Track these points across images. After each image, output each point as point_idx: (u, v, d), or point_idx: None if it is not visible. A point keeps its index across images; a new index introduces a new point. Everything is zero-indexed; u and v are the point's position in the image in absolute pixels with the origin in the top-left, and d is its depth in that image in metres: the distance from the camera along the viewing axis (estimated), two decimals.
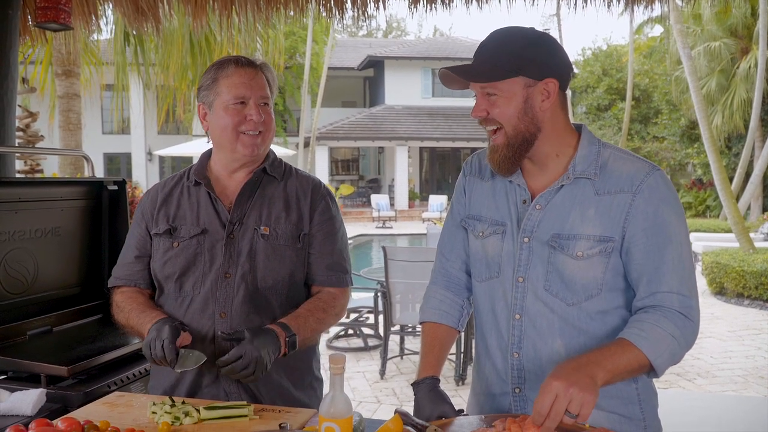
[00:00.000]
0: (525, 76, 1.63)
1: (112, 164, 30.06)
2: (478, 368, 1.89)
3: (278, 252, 2.02)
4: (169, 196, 2.11)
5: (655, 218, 1.62)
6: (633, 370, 1.57)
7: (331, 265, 2.09)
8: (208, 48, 8.34)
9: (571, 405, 1.42)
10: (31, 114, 9.54)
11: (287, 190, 2.09)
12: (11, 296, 2.62)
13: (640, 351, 1.55)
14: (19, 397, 1.95)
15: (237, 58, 2.05)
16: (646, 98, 29.19)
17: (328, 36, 25.88)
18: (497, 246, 1.77)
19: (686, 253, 1.65)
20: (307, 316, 2.00)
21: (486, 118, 1.67)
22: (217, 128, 2.02)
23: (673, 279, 1.61)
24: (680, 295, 1.61)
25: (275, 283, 2.02)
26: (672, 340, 1.57)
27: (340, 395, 1.40)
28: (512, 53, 1.63)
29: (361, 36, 42.24)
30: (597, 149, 1.72)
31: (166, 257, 2.04)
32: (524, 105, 1.65)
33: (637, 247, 1.63)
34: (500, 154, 1.69)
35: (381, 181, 32.35)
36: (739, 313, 9.33)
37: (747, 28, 21.33)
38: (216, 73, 2.03)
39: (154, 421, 1.68)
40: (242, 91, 1.99)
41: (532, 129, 1.67)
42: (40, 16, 3.92)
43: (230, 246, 2.01)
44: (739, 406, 5.49)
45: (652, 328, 1.57)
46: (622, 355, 1.55)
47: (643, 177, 1.65)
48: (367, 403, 5.46)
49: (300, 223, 2.06)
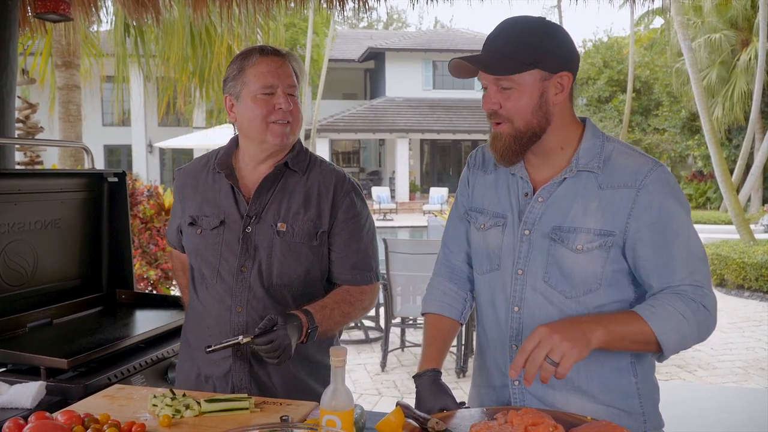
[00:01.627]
0: (542, 69, 1.60)
1: (112, 156, 30.03)
2: (480, 361, 1.88)
3: (294, 249, 2.00)
4: (195, 185, 2.11)
5: (660, 213, 1.61)
6: (637, 342, 1.55)
7: (356, 263, 2.06)
8: (208, 39, 8.30)
9: (553, 353, 1.42)
10: (31, 105, 9.51)
11: (309, 184, 2.05)
12: (11, 288, 2.61)
13: (646, 324, 1.52)
14: (19, 389, 1.94)
15: (262, 47, 2.01)
16: (647, 90, 29.12)
17: (329, 28, 25.82)
18: (498, 238, 1.76)
19: (695, 246, 1.62)
20: (333, 308, 1.99)
21: (497, 111, 1.64)
22: (246, 119, 1.98)
23: (683, 271, 1.59)
24: (693, 285, 1.58)
25: (291, 280, 2.00)
26: (682, 320, 1.54)
27: (341, 388, 1.39)
28: (531, 45, 1.59)
29: (362, 28, 42.11)
30: (601, 143, 1.70)
31: (191, 242, 2.08)
32: (539, 99, 1.62)
33: (643, 243, 1.61)
34: (504, 143, 1.66)
35: (382, 174, 32.33)
36: (739, 305, 9.34)
37: (747, 20, 21.29)
38: (242, 63, 1.99)
39: (155, 414, 1.67)
40: (270, 79, 1.95)
41: (543, 123, 1.65)
42: (40, 7, 3.90)
43: (247, 240, 1.99)
44: (739, 398, 5.50)
45: (663, 306, 1.55)
46: (627, 323, 1.54)
47: (646, 172, 1.63)
48: (368, 395, 5.47)
49: (318, 220, 2.02)
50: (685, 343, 1.57)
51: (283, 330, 1.80)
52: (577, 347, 1.43)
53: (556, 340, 1.43)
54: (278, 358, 1.79)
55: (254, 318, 1.96)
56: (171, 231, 2.23)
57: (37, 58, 8.49)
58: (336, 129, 27.89)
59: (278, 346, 1.78)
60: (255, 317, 1.96)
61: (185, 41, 8.16)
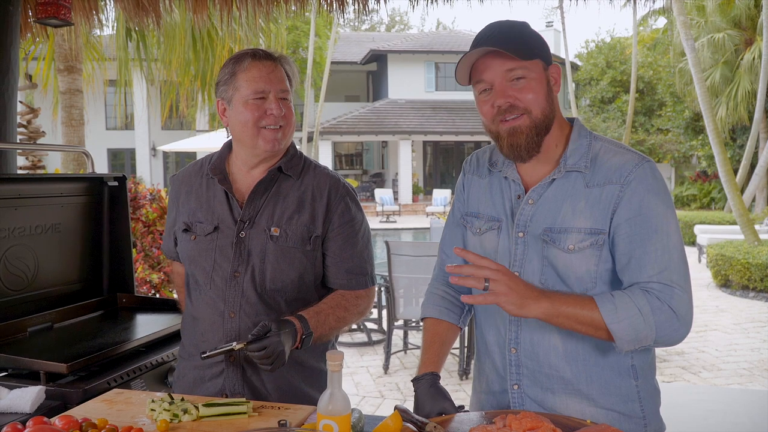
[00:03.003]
0: (541, 59, 1.65)
1: (116, 160, 30.07)
2: (479, 366, 1.88)
3: (287, 254, 1.99)
4: (189, 191, 2.11)
5: (640, 208, 1.60)
6: (583, 323, 1.55)
7: (351, 268, 2.06)
8: (210, 43, 8.31)
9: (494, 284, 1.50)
10: (33, 110, 9.53)
11: (303, 188, 2.04)
12: (11, 293, 2.62)
13: (598, 311, 1.53)
14: (18, 394, 1.94)
15: (254, 51, 2.00)
16: (650, 90, 29.09)
17: (331, 30, 25.82)
18: (494, 242, 1.76)
19: (674, 244, 1.60)
20: (328, 314, 1.98)
21: (513, 105, 1.63)
22: (237, 124, 1.98)
23: (654, 269, 1.57)
24: (660, 283, 1.56)
25: (284, 285, 1.99)
26: (638, 314, 1.53)
27: (338, 392, 1.39)
28: (533, 35, 1.66)
29: (364, 30, 42.16)
30: (588, 142, 1.70)
31: (185, 248, 2.07)
32: (547, 88, 1.66)
33: (620, 237, 1.61)
34: (526, 136, 1.64)
35: (385, 176, 32.33)
36: (744, 306, 9.30)
37: (751, 20, 21.23)
38: (234, 67, 1.97)
39: (153, 419, 1.67)
40: (261, 85, 1.94)
41: (552, 115, 1.67)
42: (41, 12, 3.91)
43: (240, 245, 1.99)
44: (744, 400, 5.47)
45: (621, 297, 1.55)
46: (577, 305, 1.55)
47: (631, 168, 1.62)
48: (370, 397, 5.46)
49: (312, 225, 2.01)
50: (639, 339, 1.55)
51: (277, 336, 1.79)
52: (514, 303, 1.51)
53: (505, 282, 1.50)
54: (272, 365, 1.78)
55: (247, 324, 1.96)
56: (166, 242, 2.21)
57: (40, 62, 8.51)
58: (339, 131, 27.90)
59: (271, 352, 1.77)
60: (248, 323, 1.96)
61: (187, 45, 8.18)
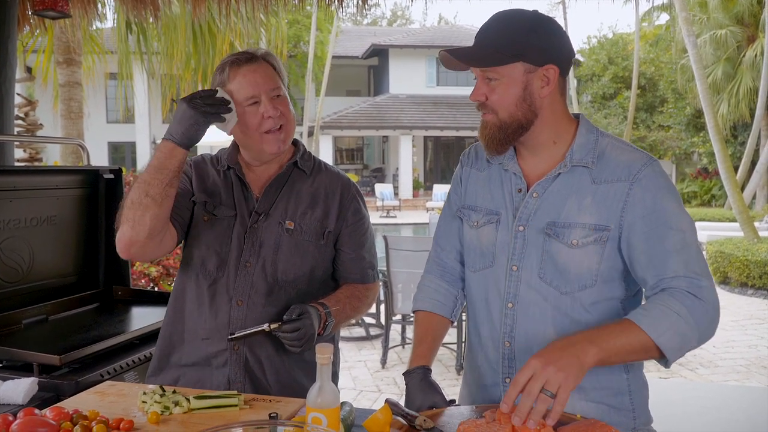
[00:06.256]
0: (525, 61, 1.61)
1: (117, 153, 30.06)
2: (470, 360, 1.88)
3: (301, 247, 2.01)
4: (201, 175, 2.08)
5: (654, 206, 1.60)
6: (635, 351, 1.49)
7: (363, 263, 2.12)
8: (211, 36, 8.30)
9: (549, 384, 1.36)
10: (30, 102, 9.54)
11: (315, 186, 2.07)
12: (6, 285, 2.62)
13: (641, 330, 1.47)
14: (11, 386, 1.94)
15: (235, 58, 1.97)
16: (652, 87, 29.04)
17: (333, 24, 25.78)
18: (491, 235, 1.76)
19: (690, 238, 1.59)
20: (345, 303, 2.02)
21: (483, 102, 1.66)
22: (238, 132, 1.98)
23: (678, 264, 1.56)
24: (687, 277, 1.54)
25: (296, 277, 2.01)
26: (677, 317, 1.48)
27: (327, 385, 1.38)
28: (514, 38, 1.61)
29: (366, 24, 42.07)
30: (595, 138, 1.70)
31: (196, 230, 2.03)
32: (523, 92, 1.63)
33: (637, 236, 1.60)
34: (489, 132, 1.68)
35: (385, 171, 32.32)
36: (742, 303, 9.31)
37: (753, 16, 21.19)
38: (220, 77, 1.97)
39: (144, 411, 1.67)
40: (251, 90, 1.93)
41: (529, 116, 1.65)
42: (38, 4, 3.90)
43: (252, 236, 2.00)
44: (741, 396, 5.47)
45: (655, 307, 1.51)
46: (620, 334, 1.48)
47: (640, 167, 1.63)
48: (368, 391, 5.47)
49: (325, 220, 2.04)
50: (686, 342, 1.51)
51: (310, 319, 1.84)
52: (572, 375, 1.38)
53: (551, 372, 1.36)
54: (301, 347, 1.84)
55: (254, 312, 1.96)
56: None
57: (40, 55, 8.50)
58: (339, 126, 27.88)
59: (304, 334, 1.83)
60: (255, 312, 1.97)
61: (187, 38, 8.16)
